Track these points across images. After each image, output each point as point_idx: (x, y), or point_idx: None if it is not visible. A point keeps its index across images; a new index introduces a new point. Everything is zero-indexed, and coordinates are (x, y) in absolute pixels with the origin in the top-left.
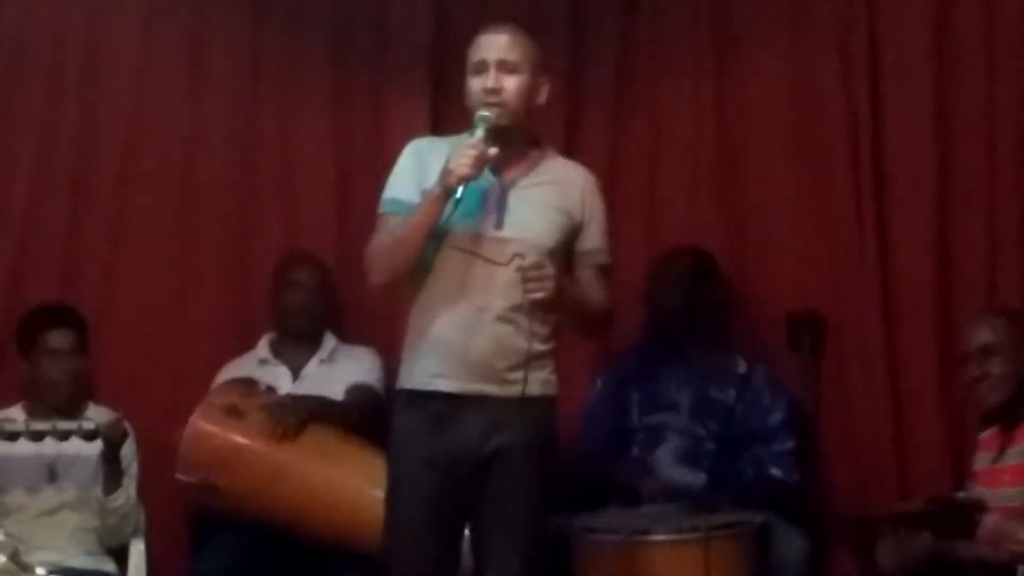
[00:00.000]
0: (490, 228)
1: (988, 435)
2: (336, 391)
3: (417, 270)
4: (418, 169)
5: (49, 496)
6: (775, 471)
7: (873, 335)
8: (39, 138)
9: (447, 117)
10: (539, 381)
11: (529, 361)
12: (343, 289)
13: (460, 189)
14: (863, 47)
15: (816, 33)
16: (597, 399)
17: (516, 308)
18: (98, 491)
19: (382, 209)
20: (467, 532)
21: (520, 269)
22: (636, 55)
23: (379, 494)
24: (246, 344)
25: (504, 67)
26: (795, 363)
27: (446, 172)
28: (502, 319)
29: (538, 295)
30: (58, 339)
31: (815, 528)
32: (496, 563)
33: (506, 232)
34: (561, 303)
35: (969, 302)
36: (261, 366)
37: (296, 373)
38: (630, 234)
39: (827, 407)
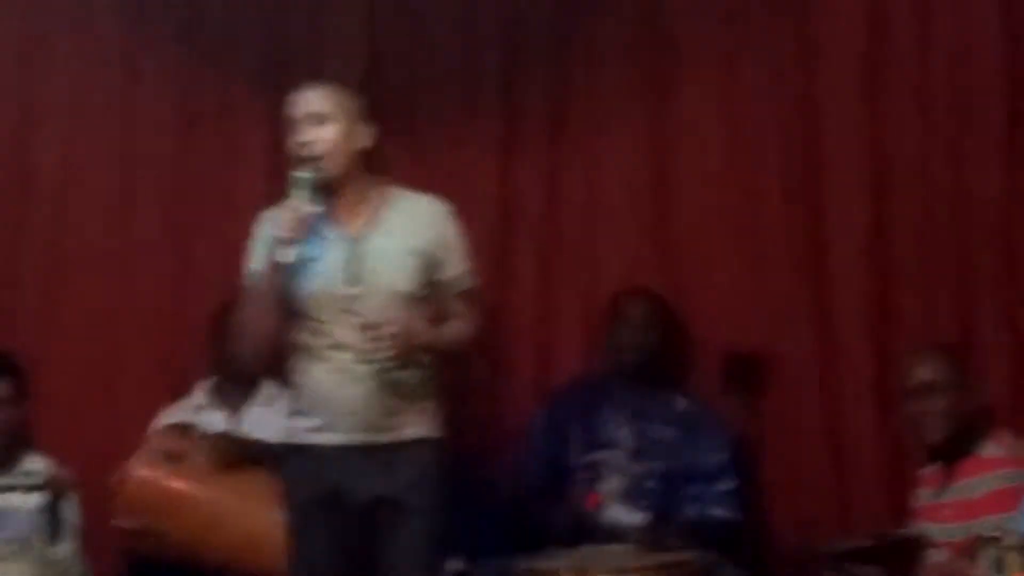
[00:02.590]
0: (344, 287)
1: (929, 471)
2: (275, 434)
3: (291, 331)
4: (270, 237)
5: None
6: (718, 511)
7: (812, 372)
8: None
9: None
10: (416, 424)
11: (401, 409)
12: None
13: (292, 252)
14: (798, 85)
15: (750, 72)
16: (535, 437)
17: (375, 363)
18: (38, 543)
19: (245, 282)
20: None
21: (364, 327)
22: (570, 98)
23: None
24: (184, 390)
25: (314, 120)
26: (734, 402)
27: (273, 242)
28: (368, 373)
29: (385, 353)
30: None
31: (757, 567)
32: None
33: (362, 287)
34: (420, 350)
35: (907, 337)
36: (198, 412)
37: (234, 416)
38: (568, 275)
39: (767, 445)
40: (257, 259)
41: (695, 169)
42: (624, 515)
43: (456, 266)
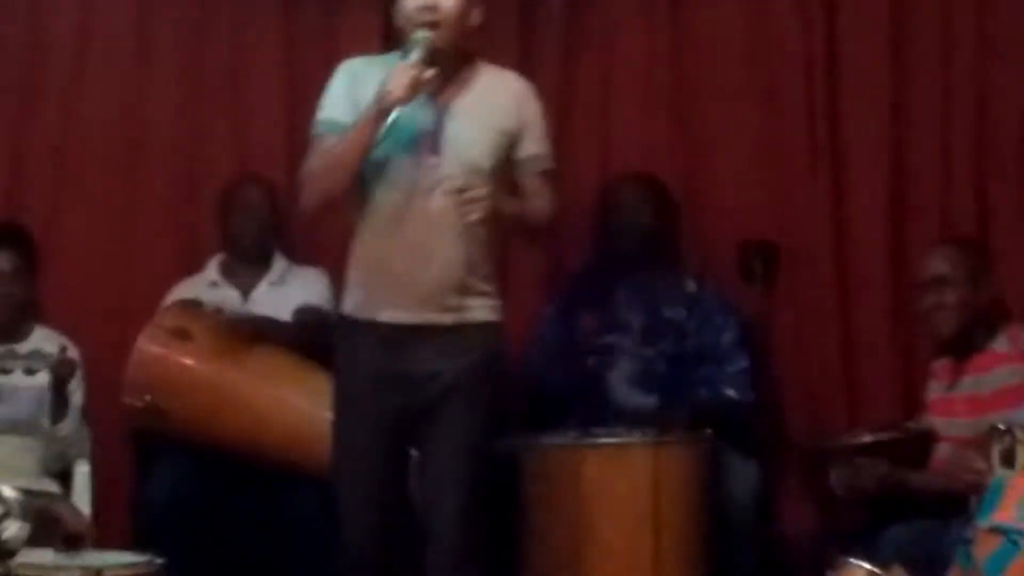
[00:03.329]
0: (427, 155)
1: (941, 365)
2: (286, 313)
3: (357, 197)
4: (352, 89)
5: None
6: (729, 391)
7: (826, 263)
8: None
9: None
10: (482, 307)
11: (471, 288)
12: (293, 210)
13: (395, 112)
14: None
15: None
16: (547, 321)
17: (454, 235)
18: (43, 419)
19: (316, 130)
20: (413, 453)
21: (451, 193)
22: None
23: (328, 415)
24: (195, 266)
25: None
26: (747, 289)
27: (382, 94)
28: (441, 248)
29: (473, 216)
30: (3, 260)
31: (766, 457)
32: (442, 484)
33: (443, 157)
34: (499, 220)
35: (923, 231)
36: (210, 288)
37: (246, 295)
38: (583, 159)
39: (779, 335)
40: (334, 108)
41: (715, 56)
42: (636, 397)
43: (536, 144)
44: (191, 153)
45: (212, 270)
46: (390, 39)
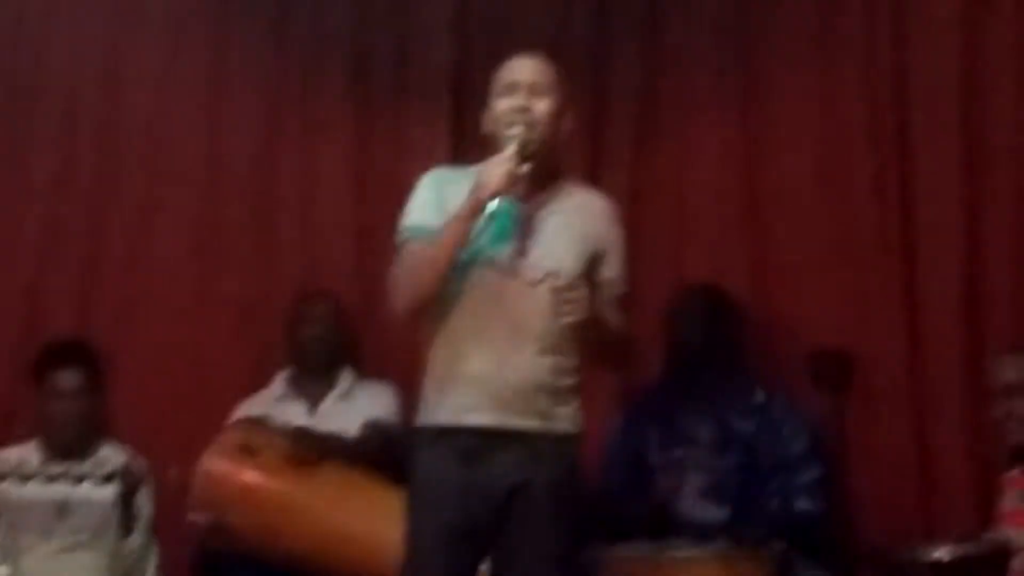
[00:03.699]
0: (516, 256)
1: (1014, 474)
2: (353, 427)
3: (437, 299)
4: (438, 196)
5: (61, 535)
6: (802, 502)
7: (899, 371)
8: (56, 169)
9: (468, 147)
10: (568, 417)
11: (558, 395)
12: (361, 324)
13: (493, 204)
14: (889, 81)
15: (843, 67)
16: (616, 436)
17: (548, 336)
18: (111, 534)
19: (403, 236)
20: (484, 569)
21: (555, 290)
22: (661, 89)
23: (394, 532)
24: (264, 381)
25: (535, 90)
26: (819, 399)
27: (477, 187)
28: (536, 350)
29: (571, 317)
30: (65, 379)
31: (840, 568)
32: None
33: (532, 260)
34: (591, 328)
35: (998, 336)
36: (277, 403)
37: (313, 409)
38: (653, 271)
39: (852, 443)
40: (424, 215)
41: (785, 166)
42: (706, 511)
43: (615, 268)
44: (261, 268)
45: (279, 384)
46: (458, 149)
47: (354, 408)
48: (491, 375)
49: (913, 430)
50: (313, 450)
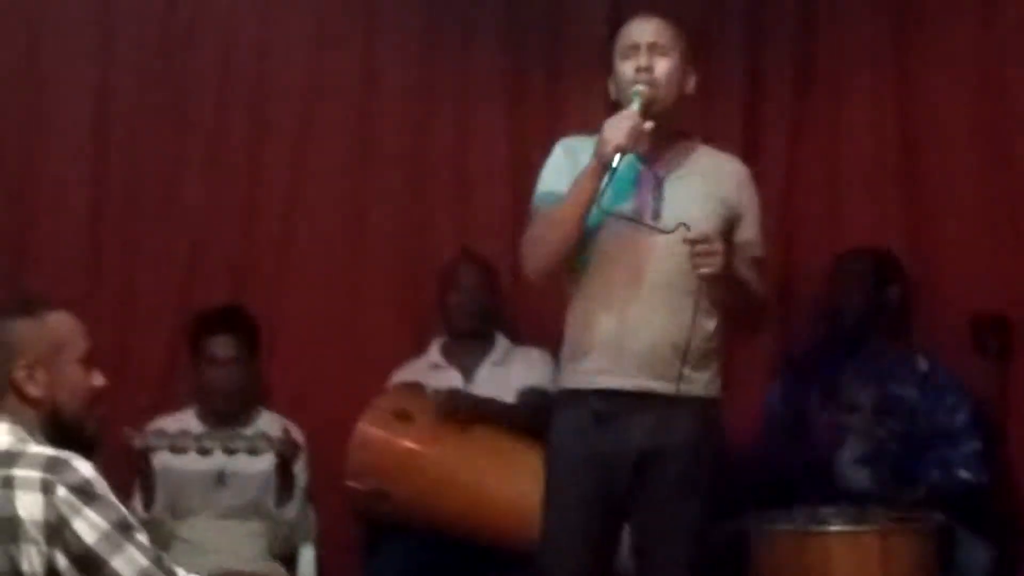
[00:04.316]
0: (647, 214)
1: None
2: (509, 394)
3: (573, 262)
4: (570, 164)
5: (219, 502)
6: (963, 472)
7: None
8: (211, 142)
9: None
10: (703, 381)
11: (695, 358)
12: (516, 289)
13: (617, 159)
14: None
15: (1004, 25)
16: (776, 399)
17: (683, 294)
18: (269, 502)
19: (535, 203)
20: (626, 532)
21: (687, 240)
22: (816, 49)
23: (540, 497)
24: (420, 348)
25: (655, 50)
26: (980, 365)
27: (601, 143)
28: (669, 309)
29: (707, 269)
30: (220, 347)
31: (1001, 540)
32: (658, 564)
33: (664, 219)
34: (729, 283)
35: None
36: (433, 370)
37: (468, 376)
38: (810, 233)
39: (1015, 413)
40: (552, 182)
41: (944, 125)
42: (865, 478)
43: (751, 229)
44: (414, 234)
45: (434, 352)
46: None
47: (510, 375)
48: (621, 337)
49: None
50: (468, 414)
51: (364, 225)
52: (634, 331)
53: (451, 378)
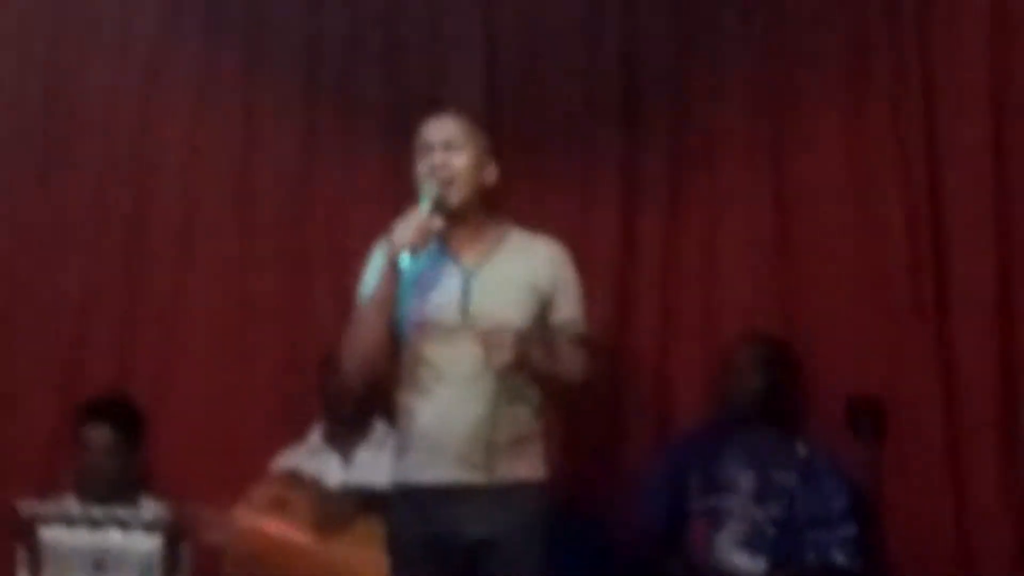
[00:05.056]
0: (455, 317)
1: None
2: (386, 478)
3: (388, 362)
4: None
5: None
6: (838, 557)
7: (935, 419)
8: (92, 222)
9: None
10: (527, 465)
11: (506, 446)
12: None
13: (405, 259)
14: (920, 127)
15: (873, 118)
16: (653, 481)
17: (490, 387)
18: None
19: (357, 302)
20: None
21: (480, 337)
22: (692, 143)
23: None
24: (302, 434)
25: (449, 147)
26: (855, 447)
27: (390, 245)
28: (479, 402)
29: (499, 362)
30: (100, 435)
31: None
32: None
33: (474, 319)
34: (531, 370)
35: None
36: (312, 456)
37: (347, 460)
38: (687, 322)
39: (889, 492)
40: (368, 283)
41: (817, 214)
42: (743, 561)
43: (569, 309)
44: (296, 321)
45: (315, 436)
46: None
47: (387, 459)
48: (438, 432)
49: (948, 477)
50: (347, 504)
51: (247, 312)
52: (447, 425)
53: (330, 462)
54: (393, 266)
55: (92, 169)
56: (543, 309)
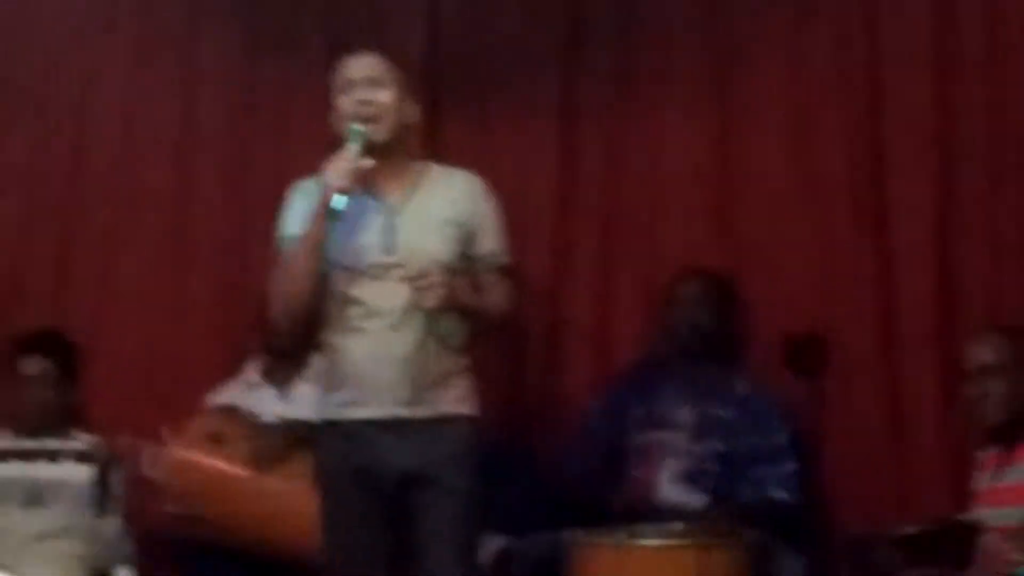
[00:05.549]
0: (380, 255)
1: (988, 454)
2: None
3: (316, 304)
4: (306, 205)
5: (35, 521)
6: (777, 492)
7: (874, 355)
8: (30, 164)
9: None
10: (450, 400)
11: (433, 380)
12: None
13: (339, 201)
14: (862, 67)
15: (815, 54)
16: (592, 417)
17: (416, 325)
18: (87, 516)
19: (278, 247)
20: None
21: (408, 279)
22: (634, 74)
23: None
24: (239, 368)
25: (373, 83)
26: (796, 384)
27: (322, 187)
28: (406, 340)
29: (429, 303)
30: (30, 365)
31: (815, 551)
32: None
33: (398, 256)
34: (458, 308)
35: (971, 321)
36: (249, 390)
37: (283, 394)
38: (628, 256)
39: (828, 427)
40: (290, 225)
41: (759, 149)
42: (683, 496)
43: (491, 241)
44: (236, 252)
45: (252, 371)
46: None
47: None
48: (369, 368)
49: (887, 412)
50: (282, 438)
51: (185, 246)
52: (377, 362)
53: (267, 397)
54: (327, 208)
55: (31, 112)
56: (466, 242)
